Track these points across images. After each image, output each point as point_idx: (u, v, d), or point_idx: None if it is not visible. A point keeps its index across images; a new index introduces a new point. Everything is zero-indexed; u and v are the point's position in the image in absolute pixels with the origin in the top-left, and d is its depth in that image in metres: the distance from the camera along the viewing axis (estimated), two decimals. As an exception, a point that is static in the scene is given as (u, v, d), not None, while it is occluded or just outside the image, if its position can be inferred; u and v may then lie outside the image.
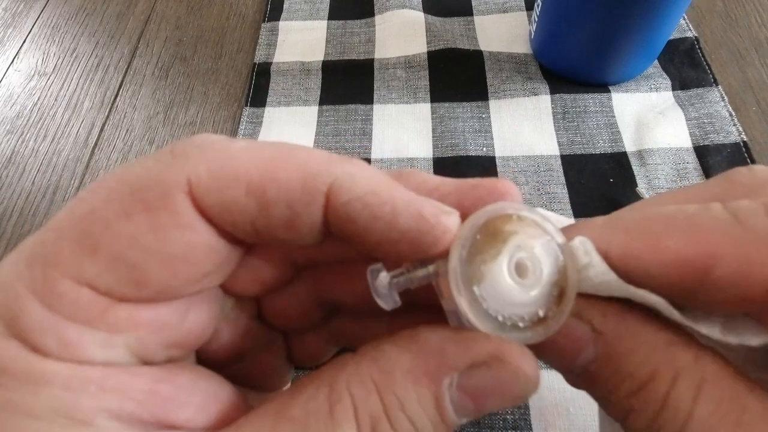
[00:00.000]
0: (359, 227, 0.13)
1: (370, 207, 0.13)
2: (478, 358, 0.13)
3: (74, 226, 0.12)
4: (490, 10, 0.47)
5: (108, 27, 0.49)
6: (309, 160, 0.13)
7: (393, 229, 0.13)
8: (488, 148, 0.38)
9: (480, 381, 0.13)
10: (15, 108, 0.44)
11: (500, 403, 0.13)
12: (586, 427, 0.27)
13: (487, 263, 0.13)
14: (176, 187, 0.12)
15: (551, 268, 0.13)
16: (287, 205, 0.13)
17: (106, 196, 0.13)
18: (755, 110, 0.39)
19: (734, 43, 0.43)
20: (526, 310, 0.13)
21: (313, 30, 0.47)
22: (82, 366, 0.12)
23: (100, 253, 0.12)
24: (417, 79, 0.42)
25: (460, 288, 0.13)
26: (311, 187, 0.13)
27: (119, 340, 0.13)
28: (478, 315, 0.13)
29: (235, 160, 0.13)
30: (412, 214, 0.13)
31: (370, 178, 0.13)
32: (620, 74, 0.40)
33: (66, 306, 0.12)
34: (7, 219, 0.38)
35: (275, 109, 0.41)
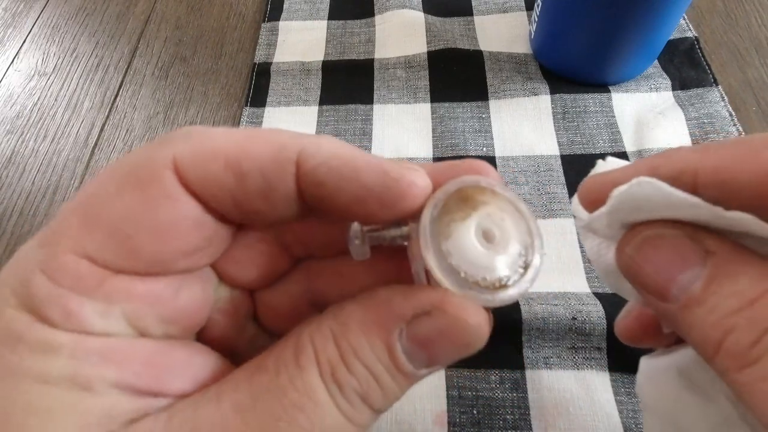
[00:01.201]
0: (328, 191, 0.14)
1: (336, 169, 0.14)
2: (421, 308, 0.14)
3: (79, 206, 0.14)
4: (490, 10, 0.47)
5: (108, 27, 0.49)
6: (279, 135, 0.14)
7: (359, 188, 0.14)
8: (488, 148, 0.38)
9: (425, 329, 0.14)
10: (15, 108, 0.44)
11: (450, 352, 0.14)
12: (586, 427, 0.27)
13: (456, 222, 0.14)
14: (163, 165, 0.14)
15: (519, 243, 0.14)
16: (261, 175, 0.14)
17: (107, 178, 0.14)
18: (755, 110, 0.39)
19: (734, 43, 0.43)
20: (488, 273, 0.14)
21: (313, 30, 0.47)
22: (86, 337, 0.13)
23: (99, 228, 0.13)
24: (417, 79, 0.42)
25: (428, 242, 0.14)
26: (281, 156, 0.14)
27: (116, 310, 0.14)
28: (441, 268, 0.14)
29: (214, 140, 0.14)
30: (375, 171, 0.14)
31: (335, 145, 0.14)
32: (620, 74, 0.40)
33: (68, 278, 0.13)
34: (7, 219, 0.38)
35: (275, 109, 0.41)
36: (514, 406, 0.28)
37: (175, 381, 0.14)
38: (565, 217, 0.34)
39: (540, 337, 0.29)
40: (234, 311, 0.18)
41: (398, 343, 0.14)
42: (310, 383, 0.13)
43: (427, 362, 0.14)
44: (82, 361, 0.13)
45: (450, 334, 0.14)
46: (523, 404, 0.28)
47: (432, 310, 0.14)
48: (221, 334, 0.17)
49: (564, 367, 0.28)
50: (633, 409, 0.27)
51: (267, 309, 0.18)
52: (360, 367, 0.13)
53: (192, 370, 0.15)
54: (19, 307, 0.13)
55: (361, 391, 0.14)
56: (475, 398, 0.28)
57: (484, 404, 0.28)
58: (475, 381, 0.28)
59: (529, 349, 0.29)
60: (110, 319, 0.14)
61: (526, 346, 0.29)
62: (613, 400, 0.27)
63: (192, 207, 0.14)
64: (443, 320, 0.14)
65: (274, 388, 0.13)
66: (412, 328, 0.14)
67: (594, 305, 0.29)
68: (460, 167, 0.15)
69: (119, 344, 0.14)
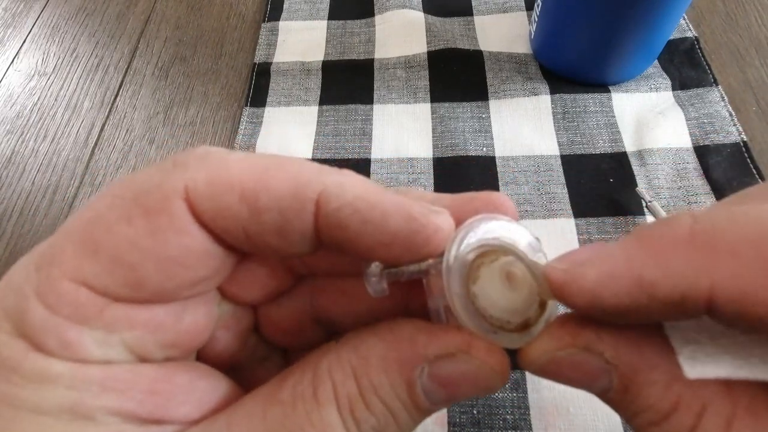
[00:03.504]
0: (351, 233, 0.13)
1: (360, 212, 0.13)
2: (446, 349, 0.13)
3: (79, 230, 0.13)
4: (490, 10, 0.47)
5: (108, 27, 0.49)
6: (300, 170, 0.14)
7: (384, 232, 0.13)
8: (488, 148, 0.38)
9: (448, 371, 0.13)
10: (15, 108, 0.44)
11: (470, 393, 0.14)
12: (586, 427, 0.27)
13: (483, 266, 0.14)
14: (174, 194, 0.13)
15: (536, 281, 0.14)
16: (279, 212, 0.13)
17: (110, 202, 0.13)
18: (755, 110, 0.39)
19: (734, 43, 0.43)
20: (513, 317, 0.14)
21: (313, 30, 0.47)
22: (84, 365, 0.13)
23: (100, 255, 0.13)
24: (417, 79, 0.42)
25: (455, 284, 0.13)
26: (302, 194, 0.13)
27: (116, 339, 0.13)
28: (468, 311, 0.13)
29: (230, 169, 0.13)
30: (401, 215, 0.13)
31: (359, 184, 0.14)
32: (620, 74, 0.40)
33: (66, 306, 0.13)
34: (7, 219, 0.38)
35: (275, 109, 0.41)
36: (514, 406, 0.28)
37: (180, 407, 0.14)
38: (565, 217, 0.34)
39: (540, 337, 0.29)
40: (236, 326, 0.17)
41: (418, 382, 0.13)
42: (328, 419, 0.13)
43: (444, 400, 0.14)
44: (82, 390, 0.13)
45: (473, 378, 0.13)
46: (523, 404, 0.28)
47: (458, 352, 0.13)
48: (223, 349, 0.17)
49: (564, 367, 0.28)
50: (633, 409, 0.27)
51: (269, 323, 0.18)
52: (379, 404, 0.13)
53: (196, 394, 0.14)
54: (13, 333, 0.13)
55: (378, 428, 0.13)
56: (475, 398, 0.28)
57: (484, 404, 0.28)
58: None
59: (529, 349, 0.29)
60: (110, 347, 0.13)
61: (526, 346, 0.29)
62: (613, 400, 0.28)
63: (201, 239, 0.13)
64: (468, 364, 0.13)
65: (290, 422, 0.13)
66: (434, 368, 0.13)
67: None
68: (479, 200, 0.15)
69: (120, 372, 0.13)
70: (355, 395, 0.13)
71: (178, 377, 0.14)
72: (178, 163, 0.14)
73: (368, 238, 0.13)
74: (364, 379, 0.13)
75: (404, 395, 0.13)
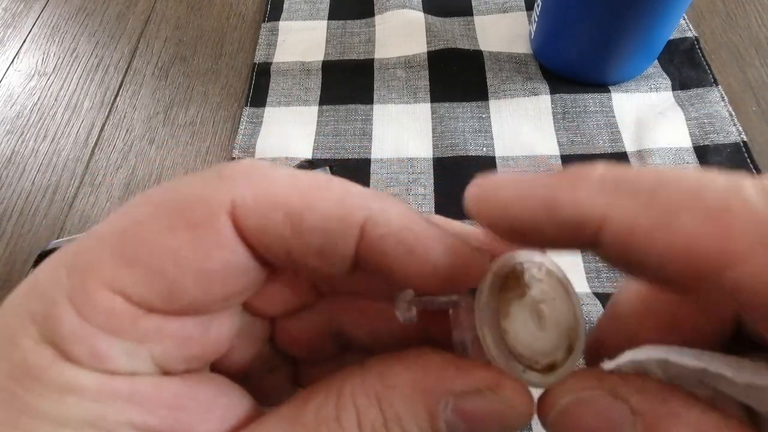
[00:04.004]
0: (391, 261, 0.14)
1: (405, 242, 0.13)
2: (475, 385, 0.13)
3: (116, 237, 0.13)
4: (490, 10, 0.47)
5: (108, 27, 0.49)
6: (347, 193, 0.14)
7: (425, 264, 0.14)
8: (488, 148, 0.38)
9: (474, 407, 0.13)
10: (15, 108, 0.44)
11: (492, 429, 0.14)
12: (586, 427, 0.27)
13: (513, 302, 0.14)
14: (221, 208, 0.13)
15: (565, 324, 0.14)
16: (323, 234, 0.13)
17: (151, 211, 0.13)
18: (755, 110, 0.39)
19: (734, 43, 0.43)
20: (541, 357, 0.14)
21: (313, 30, 0.47)
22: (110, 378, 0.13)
23: (139, 264, 0.13)
24: (417, 79, 0.42)
25: (487, 319, 0.14)
26: (348, 219, 0.13)
27: (145, 351, 0.13)
28: (498, 347, 0.13)
29: (277, 187, 0.13)
30: (444, 250, 0.14)
31: (404, 214, 0.14)
32: (620, 74, 0.40)
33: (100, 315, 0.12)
34: (7, 219, 0.38)
35: (275, 109, 0.41)
36: None
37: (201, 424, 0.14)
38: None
39: (540, 337, 0.29)
40: (253, 336, 0.17)
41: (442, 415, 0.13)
42: None
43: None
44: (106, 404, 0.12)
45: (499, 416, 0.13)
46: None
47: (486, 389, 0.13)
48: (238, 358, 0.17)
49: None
50: (633, 409, 0.27)
51: (285, 335, 0.18)
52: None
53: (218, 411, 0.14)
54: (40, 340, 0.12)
55: None
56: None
57: (484, 404, 0.28)
58: None
59: (529, 349, 0.29)
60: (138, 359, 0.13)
61: (526, 346, 0.29)
62: (613, 400, 0.27)
63: (242, 255, 0.13)
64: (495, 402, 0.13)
65: None
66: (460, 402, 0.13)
67: (594, 305, 0.29)
68: None
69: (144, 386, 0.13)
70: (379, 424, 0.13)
71: (201, 393, 0.14)
72: (224, 176, 0.13)
73: (408, 268, 0.14)
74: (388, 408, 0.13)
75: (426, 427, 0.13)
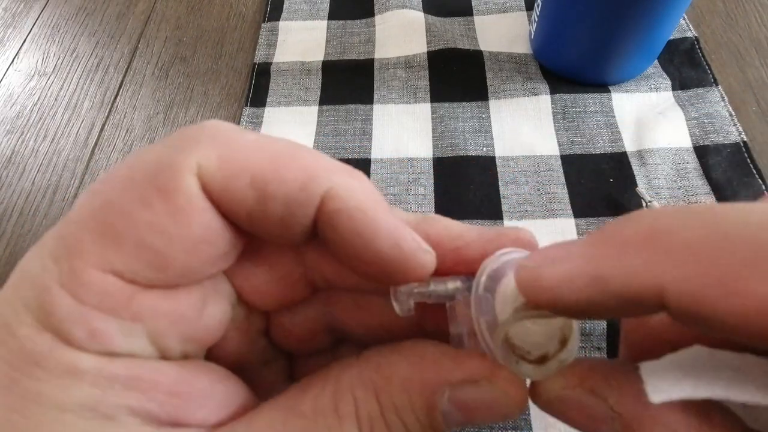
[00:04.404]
0: (340, 237, 0.14)
1: (355, 222, 0.13)
2: (471, 376, 0.14)
3: (94, 217, 0.13)
4: (490, 10, 0.47)
5: (108, 27, 0.49)
6: (313, 163, 0.14)
7: (368, 250, 0.14)
8: (488, 148, 0.38)
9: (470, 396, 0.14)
10: (15, 108, 0.44)
11: (487, 419, 0.14)
12: (586, 427, 0.27)
13: None
14: (188, 171, 0.13)
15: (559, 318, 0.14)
16: (285, 202, 0.13)
17: (121, 185, 0.13)
18: (755, 110, 0.39)
19: (734, 43, 0.43)
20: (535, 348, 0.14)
21: (313, 30, 0.46)
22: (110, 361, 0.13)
23: (124, 241, 0.13)
24: (417, 79, 0.42)
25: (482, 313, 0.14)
26: (310, 188, 0.13)
27: (141, 330, 0.13)
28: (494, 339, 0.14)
29: (243, 152, 0.13)
30: (390, 242, 0.13)
31: (365, 194, 0.14)
32: (620, 74, 0.40)
33: (93, 295, 0.12)
34: (7, 219, 0.38)
35: (275, 109, 0.41)
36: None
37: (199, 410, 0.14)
38: (565, 217, 0.34)
39: (540, 337, 0.29)
40: (248, 328, 0.17)
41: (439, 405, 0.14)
42: None
43: (461, 423, 0.14)
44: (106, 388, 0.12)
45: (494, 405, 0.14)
46: (523, 404, 0.28)
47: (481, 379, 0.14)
48: (233, 350, 0.17)
49: (564, 367, 0.28)
50: (633, 409, 0.27)
51: (281, 328, 0.18)
52: (399, 423, 0.13)
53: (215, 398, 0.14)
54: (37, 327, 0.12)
55: None
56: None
57: (484, 404, 0.28)
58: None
59: (529, 349, 0.29)
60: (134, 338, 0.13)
61: (526, 346, 0.29)
62: (613, 400, 0.27)
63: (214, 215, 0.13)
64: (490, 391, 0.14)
65: None
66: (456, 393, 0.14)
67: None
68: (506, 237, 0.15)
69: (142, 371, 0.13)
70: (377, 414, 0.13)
71: (199, 380, 0.14)
72: (188, 139, 0.13)
73: (354, 248, 0.14)
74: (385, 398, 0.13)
75: (424, 417, 0.14)
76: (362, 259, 0.14)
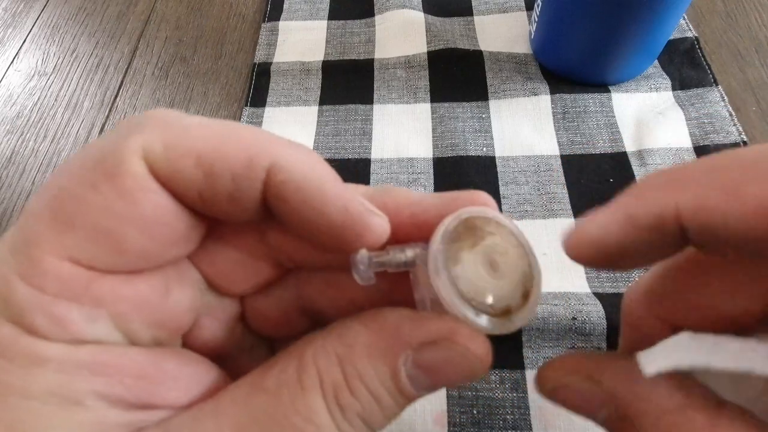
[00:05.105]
0: (290, 208, 0.14)
1: (302, 191, 0.14)
2: (429, 337, 0.14)
3: (47, 207, 0.13)
4: (490, 10, 0.47)
5: (108, 27, 0.49)
6: (255, 139, 0.14)
7: (318, 217, 0.14)
8: (488, 148, 0.38)
9: (432, 358, 0.14)
10: (15, 108, 0.44)
11: (454, 379, 0.14)
12: (586, 428, 0.27)
13: (465, 250, 0.14)
14: (133, 155, 0.13)
15: (521, 273, 0.14)
16: (231, 179, 0.14)
17: (71, 173, 0.13)
18: (755, 110, 0.39)
19: (734, 43, 0.43)
20: (495, 301, 0.14)
21: (313, 30, 0.47)
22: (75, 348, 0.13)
23: (77, 226, 0.13)
24: (417, 79, 0.42)
25: (439, 268, 0.14)
26: (254, 163, 0.14)
27: (103, 315, 0.13)
28: (451, 294, 0.14)
29: (187, 134, 0.14)
30: (338, 207, 0.14)
31: (310, 164, 0.14)
32: (620, 74, 0.40)
33: (52, 283, 0.13)
34: (7, 219, 0.38)
35: (275, 109, 0.41)
36: (514, 406, 0.28)
37: (168, 392, 0.14)
38: (565, 217, 0.34)
39: (540, 337, 0.29)
40: (222, 315, 0.17)
41: (403, 369, 0.14)
42: (313, 406, 0.13)
43: (429, 386, 0.14)
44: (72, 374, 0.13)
45: (457, 364, 0.14)
46: (523, 404, 0.28)
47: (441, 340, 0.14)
48: (209, 338, 0.17)
49: (564, 367, 0.28)
50: (633, 409, 0.27)
51: (256, 314, 0.18)
52: (364, 390, 0.13)
53: (184, 380, 0.14)
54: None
55: (364, 414, 0.14)
56: (475, 398, 0.28)
57: (484, 404, 0.28)
58: (475, 381, 0.28)
59: (529, 348, 0.29)
60: (98, 324, 0.13)
61: (526, 346, 0.29)
62: (613, 400, 0.28)
63: (165, 196, 0.14)
64: (451, 351, 0.14)
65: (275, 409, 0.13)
66: (418, 355, 0.14)
67: (594, 305, 0.29)
68: (463, 200, 0.15)
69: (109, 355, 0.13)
70: (340, 382, 0.13)
71: (167, 363, 0.14)
72: (134, 126, 0.14)
73: (304, 218, 0.14)
74: (349, 366, 0.14)
75: (389, 382, 0.14)
76: (315, 228, 0.14)
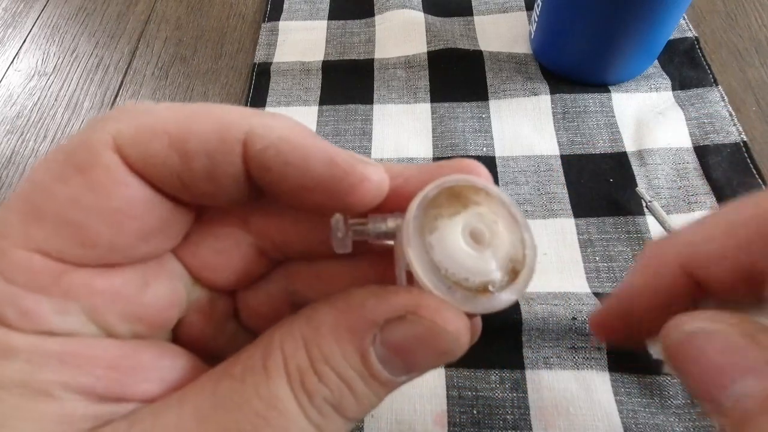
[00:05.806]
0: (275, 175, 0.13)
1: (283, 153, 0.13)
2: (394, 312, 0.13)
3: (20, 200, 0.13)
4: (490, 10, 0.47)
5: (108, 27, 0.49)
6: (227, 112, 0.14)
7: (306, 176, 0.13)
8: (488, 148, 0.38)
9: (400, 336, 0.13)
10: (15, 108, 0.44)
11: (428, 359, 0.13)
12: (586, 427, 0.27)
13: (443, 217, 0.13)
14: (103, 146, 0.13)
15: (510, 249, 0.13)
16: (207, 155, 0.13)
17: (44, 168, 0.13)
18: (755, 110, 0.39)
19: (734, 43, 0.43)
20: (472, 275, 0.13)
21: (313, 30, 0.47)
22: (44, 339, 0.13)
23: (45, 219, 0.13)
24: (417, 79, 0.42)
25: (410, 234, 0.13)
26: (228, 136, 0.13)
27: (75, 307, 0.13)
28: (422, 262, 0.13)
29: (156, 117, 0.13)
30: (323, 160, 0.13)
31: (285, 127, 0.13)
32: (620, 74, 0.40)
33: (20, 274, 0.13)
34: (7, 219, 0.38)
35: (275, 109, 0.41)
36: (514, 406, 0.28)
37: (140, 384, 0.14)
38: (565, 217, 0.34)
39: (540, 337, 0.29)
40: (211, 311, 0.17)
41: (372, 350, 0.13)
42: (277, 392, 0.12)
43: (404, 369, 0.13)
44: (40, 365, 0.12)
45: (427, 341, 0.13)
46: (523, 404, 0.28)
47: (407, 314, 0.13)
48: (199, 334, 0.17)
49: (564, 367, 0.28)
50: (633, 409, 0.27)
51: (247, 308, 0.18)
52: (332, 375, 0.13)
53: (159, 372, 0.14)
54: None
55: (333, 400, 0.13)
56: (475, 398, 0.28)
57: (484, 404, 0.28)
58: (475, 381, 0.28)
59: (529, 349, 0.29)
60: (69, 316, 0.13)
61: (526, 346, 0.29)
62: (613, 400, 0.27)
63: (140, 187, 0.13)
64: (419, 326, 0.13)
65: (239, 395, 0.12)
66: (386, 333, 0.13)
67: (594, 305, 0.29)
68: (449, 167, 0.14)
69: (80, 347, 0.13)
70: (306, 366, 0.13)
71: (143, 354, 0.14)
72: (105, 118, 0.13)
73: (291, 181, 0.13)
74: (314, 349, 0.13)
75: (358, 365, 0.13)
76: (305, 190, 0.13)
